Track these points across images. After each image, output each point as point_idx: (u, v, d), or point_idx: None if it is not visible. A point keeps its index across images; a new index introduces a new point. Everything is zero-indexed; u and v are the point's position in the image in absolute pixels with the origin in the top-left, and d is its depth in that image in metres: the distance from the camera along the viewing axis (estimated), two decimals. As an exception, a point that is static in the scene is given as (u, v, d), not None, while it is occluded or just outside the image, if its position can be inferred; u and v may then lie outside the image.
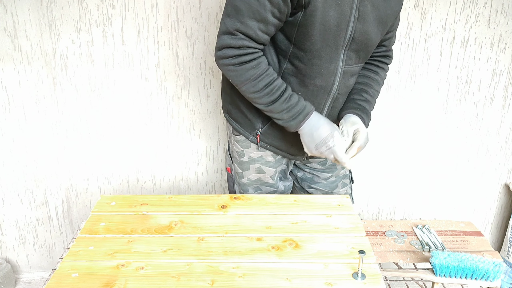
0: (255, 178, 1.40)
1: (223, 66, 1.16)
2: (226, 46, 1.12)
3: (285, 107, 1.18)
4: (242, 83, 1.16)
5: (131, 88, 1.77)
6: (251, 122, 1.31)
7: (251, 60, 1.14)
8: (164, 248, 1.11)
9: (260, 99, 1.17)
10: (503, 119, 1.86)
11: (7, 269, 1.96)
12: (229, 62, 1.14)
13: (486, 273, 1.21)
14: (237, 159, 1.40)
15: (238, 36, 1.10)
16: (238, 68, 1.14)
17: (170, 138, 1.86)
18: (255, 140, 1.33)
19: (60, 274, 1.03)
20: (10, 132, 1.81)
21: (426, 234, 1.52)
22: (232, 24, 1.09)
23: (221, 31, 1.12)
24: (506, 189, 1.99)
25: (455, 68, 1.77)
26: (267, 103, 1.18)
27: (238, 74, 1.15)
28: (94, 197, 1.95)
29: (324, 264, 1.06)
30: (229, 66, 1.15)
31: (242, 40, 1.11)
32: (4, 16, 1.64)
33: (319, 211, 1.28)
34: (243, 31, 1.09)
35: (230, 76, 1.17)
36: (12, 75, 1.73)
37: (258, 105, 1.20)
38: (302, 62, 1.18)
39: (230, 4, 1.09)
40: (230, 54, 1.13)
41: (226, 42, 1.11)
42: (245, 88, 1.17)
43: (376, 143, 1.89)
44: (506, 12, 1.68)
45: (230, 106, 1.34)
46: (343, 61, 1.20)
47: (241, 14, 1.08)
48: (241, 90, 1.19)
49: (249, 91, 1.17)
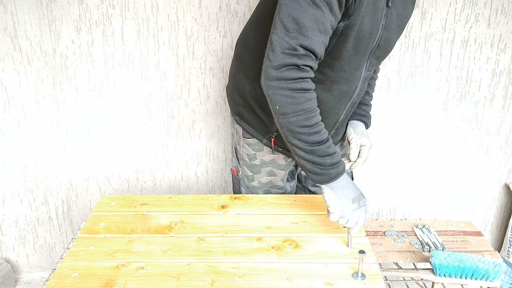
0: (266, 181, 1.38)
1: (277, 89, 1.01)
2: (288, 65, 0.99)
3: (329, 152, 1.07)
4: (294, 113, 1.02)
5: (131, 88, 1.77)
6: (266, 126, 1.26)
7: (311, 89, 1.03)
8: (164, 248, 1.11)
9: (308, 136, 1.05)
10: (503, 119, 1.86)
11: (7, 269, 1.96)
12: (289, 86, 1.01)
13: (486, 273, 1.21)
14: (247, 162, 1.36)
15: (301, 53, 0.99)
16: (296, 95, 1.01)
17: (170, 138, 1.86)
18: (269, 143, 1.28)
19: (60, 274, 1.03)
20: (10, 132, 1.81)
21: (426, 234, 1.52)
22: (294, 39, 0.98)
23: (280, 48, 0.99)
24: (506, 189, 1.99)
25: (455, 68, 1.77)
26: (313, 143, 1.05)
27: (294, 102, 1.01)
28: (94, 197, 1.95)
29: (324, 264, 1.06)
30: (286, 91, 1.01)
31: (306, 58, 1.00)
32: (4, 16, 1.64)
33: (319, 211, 1.28)
34: (307, 46, 0.98)
35: (281, 102, 1.02)
36: (12, 75, 1.73)
37: (300, 142, 1.06)
38: (332, 69, 1.13)
39: (288, 17, 0.98)
40: (292, 76, 1.00)
41: (288, 61, 0.98)
42: (295, 119, 1.03)
43: (376, 143, 1.89)
44: (506, 12, 1.68)
45: (243, 108, 1.29)
46: (366, 67, 1.19)
47: (305, 27, 0.97)
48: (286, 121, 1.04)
49: (299, 124, 1.04)
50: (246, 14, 1.66)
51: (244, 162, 1.39)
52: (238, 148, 1.41)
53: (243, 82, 1.26)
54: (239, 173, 1.44)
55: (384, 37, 1.15)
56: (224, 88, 1.78)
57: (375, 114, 1.83)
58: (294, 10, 0.97)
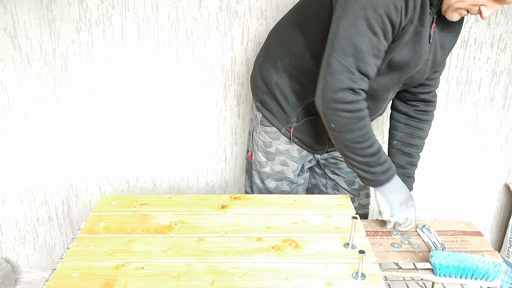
0: (279, 170, 1.42)
1: (335, 110, 1.08)
2: (346, 88, 1.05)
3: (380, 161, 1.16)
4: (350, 131, 1.10)
5: (131, 88, 1.77)
6: (287, 116, 1.31)
7: (364, 108, 1.10)
8: (164, 248, 1.11)
9: (361, 150, 1.13)
10: (503, 119, 1.86)
11: (7, 269, 1.96)
12: (345, 108, 1.07)
13: (486, 273, 1.21)
14: (262, 148, 1.41)
15: (357, 76, 1.05)
16: (351, 116, 1.08)
17: (170, 138, 1.86)
18: (288, 133, 1.33)
19: (60, 274, 1.03)
20: (10, 132, 1.81)
21: (426, 234, 1.52)
22: (352, 63, 1.04)
23: (338, 71, 1.05)
24: (506, 189, 1.99)
25: (455, 68, 1.77)
26: (368, 155, 1.14)
27: (349, 122, 1.09)
28: (94, 197, 1.95)
29: (324, 264, 1.06)
30: (341, 112, 1.08)
31: (361, 81, 1.06)
32: (4, 16, 1.64)
33: (319, 211, 1.28)
34: (363, 70, 1.05)
35: (337, 122, 1.10)
36: (12, 75, 1.73)
37: (356, 156, 1.14)
38: None
39: (346, 42, 1.03)
40: (348, 99, 1.06)
41: (346, 84, 1.05)
42: (350, 137, 1.11)
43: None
44: (506, 12, 1.68)
45: (267, 96, 1.33)
46: (395, 91, 1.25)
47: (362, 52, 1.03)
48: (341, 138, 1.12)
49: (354, 141, 1.12)
50: (246, 14, 1.66)
51: (258, 148, 1.42)
52: (254, 134, 1.44)
53: (270, 72, 1.31)
54: (253, 158, 1.47)
55: (421, 70, 1.19)
56: (224, 88, 1.78)
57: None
58: (353, 36, 1.02)
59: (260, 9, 1.66)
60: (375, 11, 1.01)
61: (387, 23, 1.03)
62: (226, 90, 1.78)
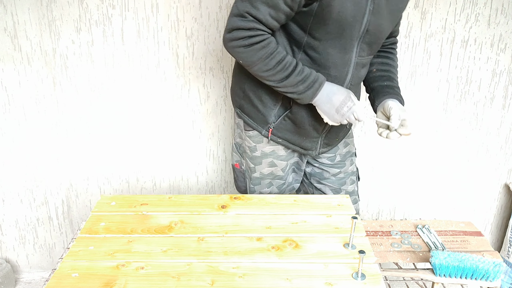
0: (268, 172, 1.43)
1: (232, 48, 1.17)
2: (236, 28, 1.14)
3: (300, 78, 1.19)
4: (254, 63, 1.18)
5: (131, 88, 1.77)
6: (264, 117, 1.32)
7: (261, 40, 1.15)
8: (164, 248, 1.11)
9: (273, 76, 1.19)
10: (503, 119, 1.86)
11: (7, 269, 1.96)
12: (239, 44, 1.16)
13: (486, 273, 1.21)
14: (249, 154, 1.42)
15: (248, 19, 1.13)
16: (248, 50, 1.16)
17: (170, 138, 1.86)
18: (267, 134, 1.34)
19: (60, 274, 1.03)
20: (10, 132, 1.81)
21: (426, 234, 1.52)
22: (243, 7, 1.12)
23: (232, 14, 1.15)
24: (506, 189, 1.99)
25: (455, 68, 1.77)
26: (281, 79, 1.19)
27: (249, 55, 1.17)
28: (94, 197, 1.95)
29: (324, 264, 1.06)
30: (239, 48, 1.16)
31: (252, 22, 1.13)
32: (4, 16, 1.64)
33: (319, 211, 1.28)
34: (253, 14, 1.12)
35: (241, 58, 1.18)
36: (12, 75, 1.73)
37: (271, 82, 1.20)
38: (317, 51, 1.20)
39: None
40: (240, 35, 1.14)
41: (236, 24, 1.14)
42: (257, 68, 1.18)
43: (376, 143, 1.89)
44: (506, 12, 1.68)
45: (243, 101, 1.36)
46: (357, 53, 1.23)
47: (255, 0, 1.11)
48: (253, 71, 1.21)
49: (262, 70, 1.18)
50: (246, 14, 1.66)
51: (246, 155, 1.43)
52: (240, 142, 1.45)
53: (242, 75, 1.33)
54: (243, 166, 1.47)
55: (373, 22, 1.18)
56: (224, 88, 1.78)
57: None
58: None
59: (260, 9, 1.66)
60: None
61: None
62: (226, 90, 1.78)
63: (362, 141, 1.89)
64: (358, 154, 1.91)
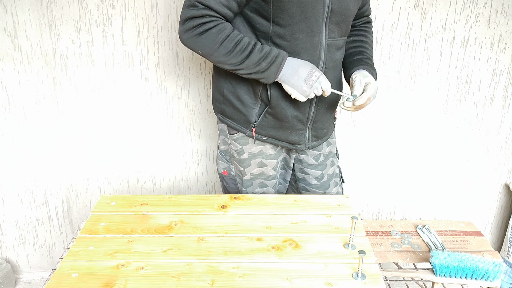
0: (258, 172, 1.41)
1: (189, 39, 1.17)
2: (189, 18, 1.15)
3: (261, 55, 1.18)
4: (212, 50, 1.17)
5: (131, 88, 1.77)
6: (246, 117, 1.32)
7: (215, 25, 1.16)
8: (164, 248, 1.11)
9: (234, 58, 1.18)
10: (503, 119, 1.86)
11: (7, 269, 1.96)
12: (194, 33, 1.16)
13: (486, 273, 1.21)
14: (237, 158, 1.40)
15: (199, 7, 1.13)
16: (203, 36, 1.16)
17: (170, 138, 1.86)
18: (252, 134, 1.33)
19: (60, 274, 1.03)
20: (10, 132, 1.81)
21: (426, 234, 1.52)
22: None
23: (184, 6, 1.16)
24: (506, 189, 1.99)
25: (455, 68, 1.77)
26: (242, 60, 1.18)
27: (205, 43, 1.16)
28: (94, 197, 1.95)
29: (324, 264, 1.06)
30: (195, 37, 1.16)
31: (204, 9, 1.14)
32: (4, 16, 1.64)
33: (319, 211, 1.28)
34: (204, 2, 1.13)
35: (199, 47, 1.18)
36: (12, 75, 1.73)
37: (233, 66, 1.19)
38: (285, 39, 1.20)
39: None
40: (193, 24, 1.15)
41: (188, 14, 1.14)
42: (217, 53, 1.17)
43: (376, 143, 1.89)
44: (506, 12, 1.68)
45: (224, 105, 1.35)
46: (326, 34, 1.22)
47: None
48: (213, 58, 1.20)
49: (221, 54, 1.17)
50: (246, 14, 1.66)
51: (234, 159, 1.42)
52: (226, 148, 1.44)
53: (219, 79, 1.34)
54: (232, 172, 1.46)
55: (336, 1, 1.18)
56: (224, 88, 1.78)
57: (375, 114, 1.83)
58: None
59: (260, 9, 1.66)
60: None
61: None
62: (226, 90, 1.78)
63: (362, 141, 1.89)
64: (358, 154, 1.91)
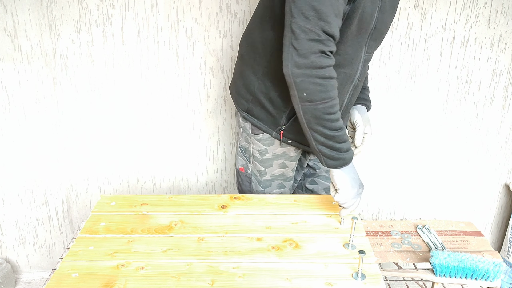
0: (279, 173, 1.41)
1: (307, 77, 1.05)
2: (317, 52, 1.03)
3: (345, 138, 1.14)
4: (322, 100, 1.07)
5: (131, 88, 1.77)
6: (275, 119, 1.30)
7: (335, 77, 1.08)
8: (164, 248, 1.11)
9: (331, 123, 1.10)
10: (503, 119, 1.86)
11: (7, 269, 1.96)
12: (319, 74, 1.05)
13: (486, 273, 1.21)
14: (258, 157, 1.39)
15: (324, 38, 1.02)
16: (325, 83, 1.06)
17: (170, 138, 1.86)
18: (279, 136, 1.32)
19: (60, 274, 1.03)
20: (10, 132, 1.81)
21: (426, 234, 1.52)
22: (315, 25, 1.01)
23: (304, 35, 1.02)
24: (506, 189, 1.99)
25: (455, 68, 1.77)
26: (335, 129, 1.11)
27: (323, 90, 1.06)
28: (94, 197, 1.95)
29: (324, 264, 1.06)
30: (315, 79, 1.05)
31: (329, 42, 1.04)
32: (4, 16, 1.64)
33: (319, 211, 1.28)
34: (328, 31, 1.02)
35: (310, 90, 1.06)
36: (12, 75, 1.73)
37: (324, 128, 1.11)
38: (337, 53, 1.15)
39: (305, 5, 1.02)
40: (321, 64, 1.04)
41: (317, 48, 1.02)
42: (322, 106, 1.08)
43: (377, 143, 1.89)
44: (506, 12, 1.68)
45: (252, 104, 1.32)
46: (366, 49, 1.23)
47: (323, 13, 1.01)
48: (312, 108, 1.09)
49: (325, 111, 1.09)
50: (246, 14, 1.66)
51: (255, 158, 1.40)
52: (247, 146, 1.42)
53: (251, 78, 1.29)
54: (249, 170, 1.45)
55: (380, 19, 1.18)
56: (224, 88, 1.78)
57: (375, 114, 1.83)
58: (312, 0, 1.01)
59: (260, 9, 1.66)
60: None
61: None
62: (226, 90, 1.78)
63: (362, 141, 1.89)
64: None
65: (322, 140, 1.13)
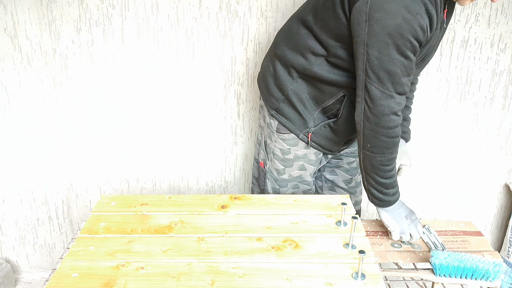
0: (297, 175, 1.43)
1: (377, 134, 1.14)
2: (389, 113, 1.11)
3: (395, 184, 1.25)
4: (383, 155, 1.17)
5: (131, 88, 1.77)
6: (304, 121, 1.32)
7: (400, 134, 1.17)
8: (164, 248, 1.11)
9: (385, 173, 1.21)
10: (503, 119, 1.86)
11: (7, 269, 1.96)
12: (387, 134, 1.14)
13: (486, 273, 1.21)
14: (279, 156, 1.41)
15: (397, 98, 1.11)
16: (390, 141, 1.15)
17: (170, 138, 1.86)
18: (306, 138, 1.34)
19: (60, 274, 1.03)
20: (10, 132, 1.81)
21: (426, 234, 1.52)
22: (390, 88, 1.09)
23: (378, 98, 1.11)
24: (506, 189, 1.99)
25: (455, 68, 1.77)
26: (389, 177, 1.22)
27: (386, 146, 1.16)
28: (94, 197, 1.95)
29: (324, 264, 1.06)
30: (382, 137, 1.15)
31: (402, 100, 1.12)
32: (4, 16, 1.64)
33: (319, 211, 1.28)
34: (401, 91, 1.11)
35: (374, 144, 1.16)
36: (12, 75, 1.73)
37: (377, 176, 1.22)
38: None
39: (380, 69, 1.09)
40: (391, 125, 1.13)
41: (389, 110, 1.11)
42: (381, 159, 1.18)
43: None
44: (506, 12, 1.68)
45: (283, 103, 1.33)
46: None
47: (397, 76, 1.08)
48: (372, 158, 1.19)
49: (382, 163, 1.19)
50: (246, 14, 1.66)
51: (275, 156, 1.42)
52: (268, 142, 1.43)
53: (285, 80, 1.31)
54: (267, 166, 1.45)
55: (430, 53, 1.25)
56: (224, 88, 1.78)
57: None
58: (386, 64, 1.08)
59: (260, 9, 1.66)
60: (403, 37, 1.04)
61: (416, 44, 1.07)
62: (226, 90, 1.78)
63: (362, 141, 1.89)
64: (358, 154, 1.91)
65: (373, 183, 1.23)
